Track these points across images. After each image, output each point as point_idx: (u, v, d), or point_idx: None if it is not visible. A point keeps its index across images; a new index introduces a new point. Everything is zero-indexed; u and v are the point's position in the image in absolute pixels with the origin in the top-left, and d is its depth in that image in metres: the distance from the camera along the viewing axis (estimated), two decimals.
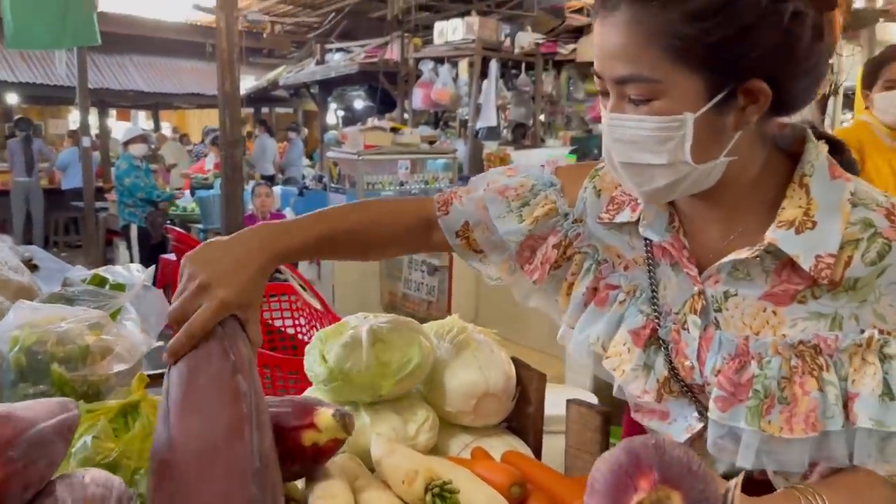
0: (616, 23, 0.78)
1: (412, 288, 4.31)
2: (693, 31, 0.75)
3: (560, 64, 9.87)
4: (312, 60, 11.41)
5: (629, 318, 0.95)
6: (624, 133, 0.81)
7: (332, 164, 5.79)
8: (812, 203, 0.82)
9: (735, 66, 0.77)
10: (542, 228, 1.03)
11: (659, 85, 0.78)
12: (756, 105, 0.80)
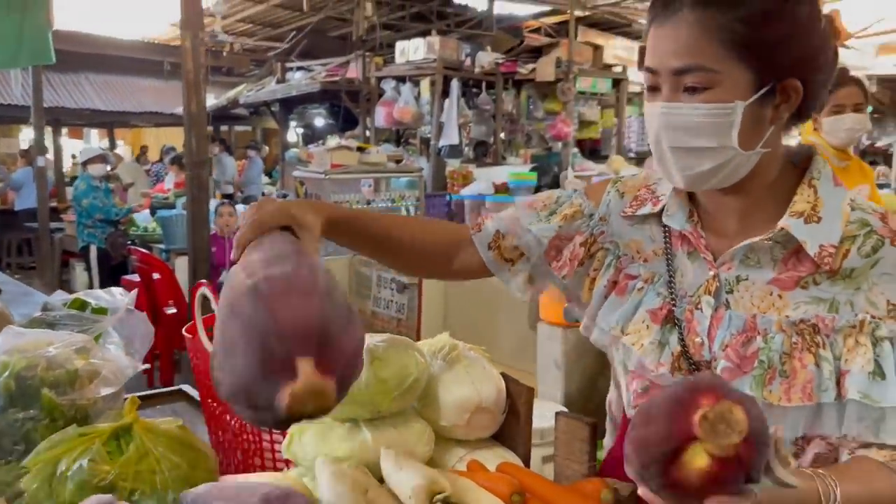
0: (678, 23, 0.91)
1: (381, 306, 4.35)
2: (746, 32, 0.89)
3: (520, 83, 10.05)
4: (273, 79, 11.40)
5: (647, 301, 1.06)
6: (678, 119, 0.92)
7: (299, 184, 5.81)
8: (819, 201, 0.95)
9: (778, 64, 0.90)
10: (569, 229, 1.13)
11: (716, 75, 0.90)
12: (788, 104, 0.93)
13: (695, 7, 0.90)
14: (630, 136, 12.21)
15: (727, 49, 0.89)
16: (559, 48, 9.84)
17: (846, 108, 2.78)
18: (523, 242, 1.16)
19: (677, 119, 0.92)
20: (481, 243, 1.17)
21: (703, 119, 0.90)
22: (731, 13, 0.89)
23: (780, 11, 0.89)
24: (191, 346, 1.52)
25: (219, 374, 0.75)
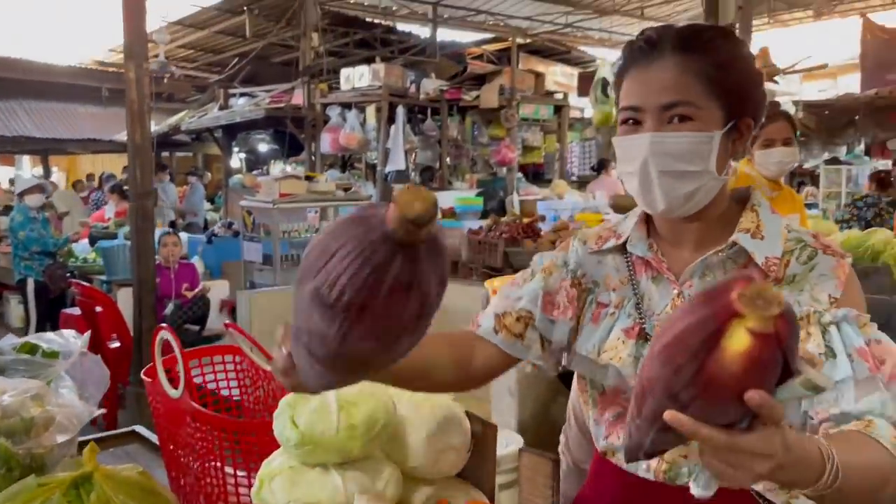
0: (663, 66, 1.06)
1: None
2: (717, 74, 1.05)
3: (464, 109, 10.18)
4: (216, 105, 11.28)
5: (620, 322, 1.16)
6: (667, 147, 1.05)
7: (246, 213, 5.75)
8: (761, 223, 1.10)
9: (739, 103, 1.07)
10: (554, 281, 1.21)
11: (697, 109, 1.05)
12: (742, 139, 1.10)
13: (675, 52, 1.06)
14: (572, 161, 12.48)
15: (704, 87, 1.05)
16: (502, 75, 10.02)
17: (776, 142, 2.92)
18: (521, 309, 1.20)
19: (666, 147, 1.05)
20: (487, 333, 1.21)
21: (688, 146, 1.05)
22: (705, 58, 1.06)
23: (739, 59, 1.08)
24: (150, 390, 1.51)
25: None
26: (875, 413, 0.94)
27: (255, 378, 1.66)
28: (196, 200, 11.57)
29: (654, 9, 15.34)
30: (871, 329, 1.02)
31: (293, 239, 5.72)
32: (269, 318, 4.48)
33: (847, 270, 1.06)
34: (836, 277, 1.05)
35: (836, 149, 12.64)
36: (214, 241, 7.71)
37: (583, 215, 7.15)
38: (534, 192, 10.48)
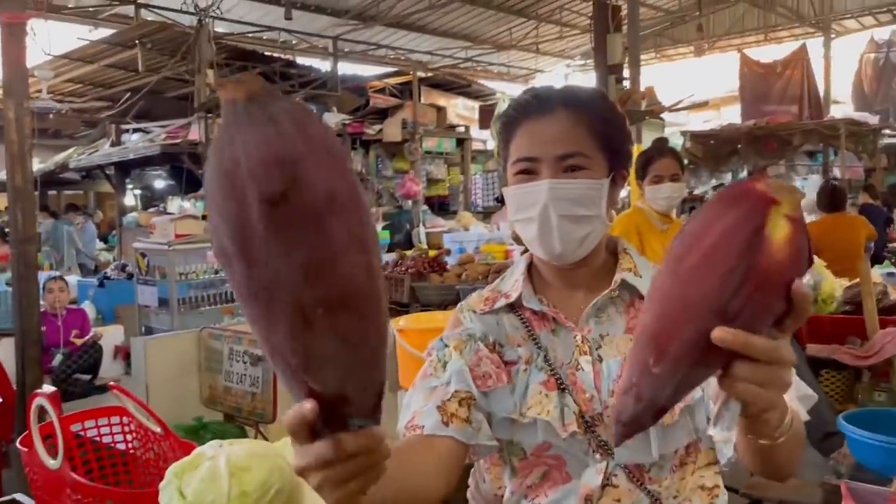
0: (556, 119, 1.14)
1: (234, 380, 4.17)
2: (602, 128, 1.14)
3: (368, 143, 10.19)
4: (107, 141, 10.84)
5: (534, 377, 1.14)
6: (565, 192, 1.12)
7: (140, 256, 5.52)
8: (635, 264, 1.20)
9: (619, 156, 1.17)
10: (469, 356, 1.14)
11: (588, 159, 1.13)
12: (617, 189, 1.18)
13: (566, 107, 1.14)
14: (476, 192, 12.68)
15: (592, 139, 1.13)
16: (404, 109, 10.11)
17: (664, 178, 3.06)
18: (458, 392, 1.10)
19: (564, 192, 1.12)
20: (437, 428, 1.06)
21: (584, 193, 1.12)
22: (592, 113, 1.15)
23: (616, 118, 1.19)
24: (27, 460, 1.40)
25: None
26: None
27: (145, 440, 1.58)
28: (86, 241, 11.04)
29: (548, 44, 15.93)
30: None
31: (191, 281, 5.52)
32: (167, 365, 4.29)
33: None
34: None
35: (722, 175, 13.41)
36: (107, 284, 7.35)
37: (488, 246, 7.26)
38: (440, 223, 10.57)
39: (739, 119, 11.72)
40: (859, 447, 2.15)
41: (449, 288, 4.85)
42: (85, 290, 7.24)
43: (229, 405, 4.17)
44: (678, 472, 1.13)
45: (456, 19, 13.96)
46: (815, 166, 13.17)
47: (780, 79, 12.15)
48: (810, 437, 2.94)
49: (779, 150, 10.12)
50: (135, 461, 1.61)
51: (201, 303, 5.58)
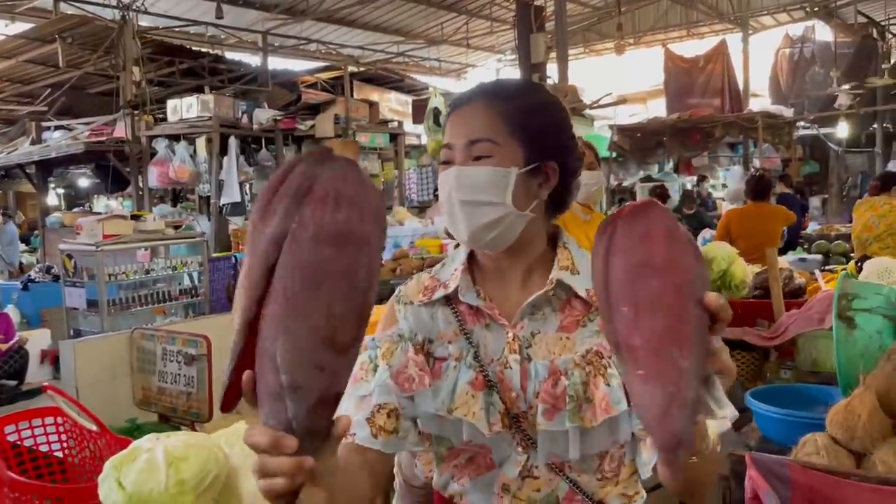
0: (472, 107, 1.16)
1: (168, 380, 4.13)
2: (519, 118, 1.15)
3: (300, 139, 10.11)
4: (27, 139, 10.46)
5: (463, 375, 1.15)
6: (467, 179, 1.14)
7: (66, 257, 5.38)
8: (573, 259, 1.19)
9: (541, 147, 1.16)
10: (398, 360, 1.15)
11: (497, 147, 1.13)
12: (548, 183, 1.17)
13: (487, 97, 1.17)
14: (410, 187, 12.73)
15: (506, 128, 1.14)
16: (336, 104, 10.08)
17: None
18: (384, 405, 1.12)
19: (467, 179, 1.14)
20: (367, 440, 1.10)
21: (486, 179, 1.13)
22: (511, 103, 1.16)
23: (543, 108, 1.19)
24: None
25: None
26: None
27: (80, 439, 1.60)
28: (5, 243, 10.64)
29: (477, 40, 16.06)
30: None
31: (121, 282, 5.42)
32: (97, 368, 4.22)
33: None
34: None
35: (649, 167, 13.82)
36: (31, 286, 7.13)
37: (422, 241, 7.34)
38: None
39: (665, 112, 12.08)
40: (764, 421, 2.31)
41: (383, 283, 4.91)
42: (8, 293, 7.01)
43: (164, 405, 4.13)
44: (602, 481, 1.17)
45: (387, 14, 13.94)
46: (736, 157, 13.73)
47: (703, 73, 12.56)
48: None
49: (702, 142, 10.49)
50: (72, 467, 1.63)
51: (132, 303, 5.49)
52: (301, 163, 0.78)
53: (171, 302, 5.81)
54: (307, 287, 0.73)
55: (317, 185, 0.76)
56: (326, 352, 0.75)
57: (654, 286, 0.86)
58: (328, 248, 0.73)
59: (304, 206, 0.75)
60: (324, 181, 0.76)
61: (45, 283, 7.14)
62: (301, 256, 0.74)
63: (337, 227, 0.75)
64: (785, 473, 1.94)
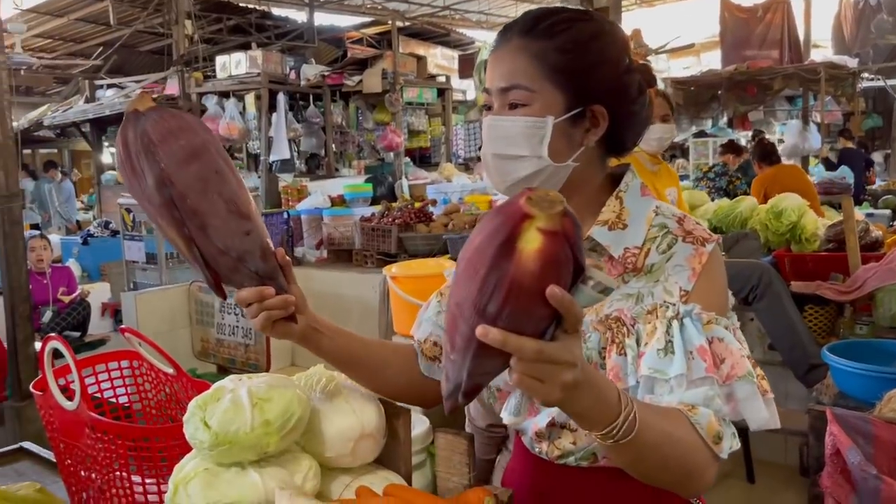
0: (507, 49, 1.06)
1: (226, 332, 4.21)
2: (559, 59, 1.03)
3: (347, 95, 10.07)
4: (81, 98, 10.63)
5: None
6: (500, 131, 1.05)
7: (125, 211, 5.48)
8: (625, 210, 1.08)
9: (585, 91, 1.04)
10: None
11: (532, 94, 1.03)
12: (597, 129, 1.06)
13: (521, 36, 1.05)
14: (458, 143, 12.62)
15: (543, 72, 1.03)
16: (384, 60, 9.97)
17: (655, 119, 3.09)
18: (430, 335, 1.25)
19: (499, 130, 1.06)
20: (419, 354, 1.26)
21: (519, 130, 1.04)
22: (548, 42, 1.03)
23: (587, 45, 1.04)
24: (41, 403, 1.43)
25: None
26: (700, 404, 0.95)
27: (156, 382, 1.61)
28: (64, 199, 10.92)
29: None
30: (715, 326, 0.99)
31: None
32: (157, 319, 4.31)
33: (705, 259, 1.02)
34: (690, 268, 1.02)
35: (702, 122, 13.41)
36: (91, 241, 7.30)
37: (472, 197, 7.27)
38: (422, 175, 10.54)
39: (720, 65, 11.68)
40: (842, 376, 2.24)
41: (436, 238, 4.88)
42: (69, 248, 7.20)
43: (223, 357, 4.22)
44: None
45: None
46: (794, 111, 13.24)
47: (761, 23, 12.07)
48: (794, 370, 3.05)
49: (759, 96, 10.15)
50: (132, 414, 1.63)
51: None
52: (128, 129, 0.98)
53: None
54: (201, 194, 0.96)
55: (151, 134, 0.96)
56: (241, 220, 1.02)
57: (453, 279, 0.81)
58: (192, 163, 0.96)
59: (157, 151, 0.95)
60: (152, 129, 0.96)
61: (104, 237, 7.31)
62: (182, 180, 0.96)
63: (186, 148, 0.96)
64: (868, 429, 1.88)
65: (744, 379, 0.95)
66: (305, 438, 1.17)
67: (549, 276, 0.71)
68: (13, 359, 4.21)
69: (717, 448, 0.93)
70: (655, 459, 0.90)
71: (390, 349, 1.29)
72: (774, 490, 3.34)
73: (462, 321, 0.75)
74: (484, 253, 0.72)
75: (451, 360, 0.80)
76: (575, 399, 0.80)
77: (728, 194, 6.10)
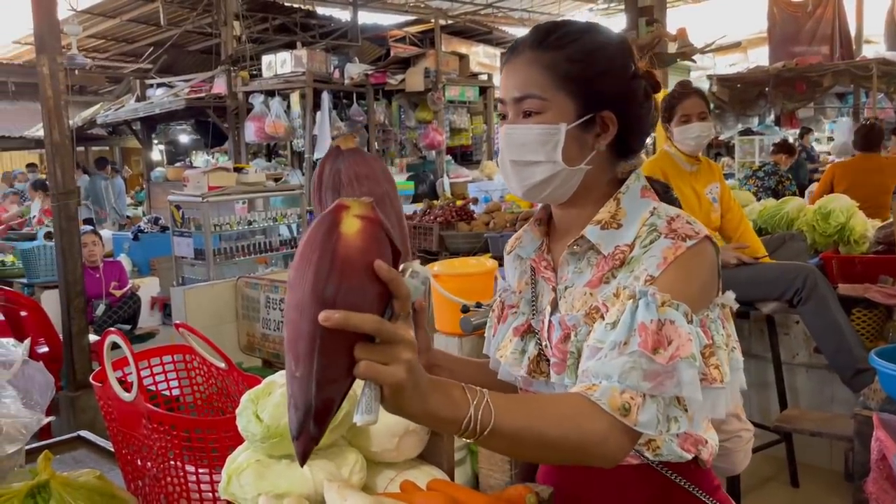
0: (521, 61, 1.11)
1: (272, 327, 4.30)
2: (569, 68, 1.08)
3: (390, 93, 10.14)
4: (132, 96, 10.91)
5: (514, 322, 1.24)
6: (517, 137, 1.11)
7: (175, 208, 5.62)
8: (620, 211, 1.12)
9: (595, 98, 1.09)
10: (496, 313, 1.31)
11: (545, 102, 1.09)
12: (606, 133, 1.11)
13: (533, 48, 1.11)
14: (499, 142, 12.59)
15: (555, 82, 1.08)
16: (426, 58, 10.02)
17: (692, 117, 3.05)
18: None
19: (515, 137, 1.11)
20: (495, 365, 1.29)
21: (534, 137, 1.09)
22: (559, 53, 1.09)
23: (595, 54, 1.10)
24: (101, 394, 1.49)
25: None
26: (611, 378, 0.96)
27: (208, 376, 1.66)
28: (115, 196, 11.22)
29: None
30: (669, 309, 1.00)
31: (224, 232, 5.62)
32: (205, 314, 4.42)
33: (680, 252, 1.04)
34: (662, 258, 1.05)
35: (748, 120, 13.13)
36: (141, 237, 7.50)
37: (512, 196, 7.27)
38: (463, 174, 10.57)
39: (767, 61, 11.45)
40: (890, 381, 2.20)
41: (477, 236, 4.91)
42: (120, 243, 7.40)
43: (268, 351, 4.31)
44: None
45: None
46: (844, 108, 12.90)
47: (811, 18, 11.80)
48: (840, 374, 3.00)
49: (808, 93, 9.91)
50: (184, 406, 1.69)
51: (235, 253, 5.70)
52: (326, 163, 1.08)
53: (270, 252, 6.00)
54: None
55: (342, 175, 1.04)
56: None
57: (288, 292, 0.81)
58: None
59: (342, 192, 1.03)
60: (345, 171, 1.05)
61: (154, 233, 7.50)
62: None
63: (367, 196, 0.92)
64: None
65: (685, 361, 0.97)
66: (352, 433, 1.21)
67: (372, 251, 0.78)
68: (68, 350, 4.35)
69: (626, 420, 0.94)
70: (530, 442, 0.92)
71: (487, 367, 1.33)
72: (818, 495, 3.29)
73: (303, 320, 0.77)
74: (313, 242, 0.78)
75: (296, 379, 0.78)
76: (418, 392, 0.81)
77: (776, 194, 5.99)
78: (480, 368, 1.33)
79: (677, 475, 1.15)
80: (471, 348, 3.12)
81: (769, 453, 3.29)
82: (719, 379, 1.00)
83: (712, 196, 3.22)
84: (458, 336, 3.03)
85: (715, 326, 1.04)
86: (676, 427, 0.99)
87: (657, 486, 1.14)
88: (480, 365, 1.34)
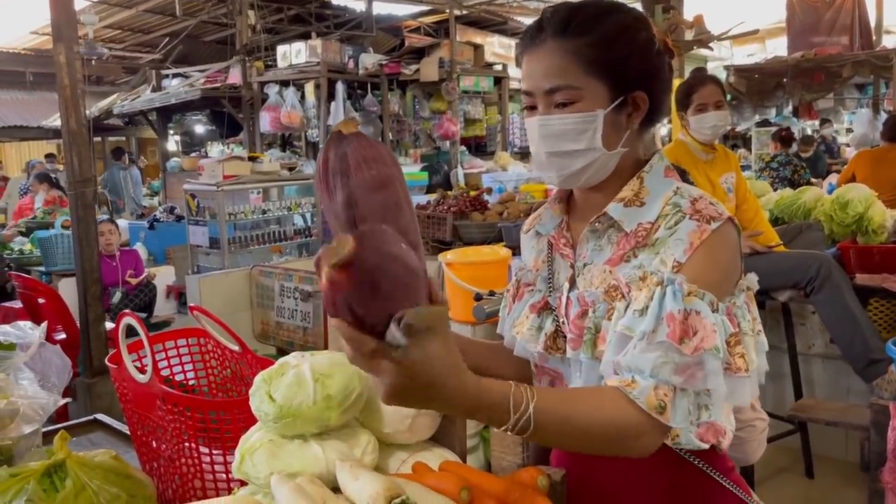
0: (544, 50, 1.10)
1: (286, 315, 4.33)
2: (596, 53, 1.08)
3: (404, 84, 10.13)
4: (148, 87, 10.96)
5: (531, 299, 1.24)
6: (553, 129, 1.10)
7: (190, 197, 5.65)
8: (643, 189, 1.13)
9: (626, 79, 1.10)
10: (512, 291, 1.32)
11: (579, 91, 1.08)
12: (638, 112, 1.12)
13: (556, 36, 1.09)
14: (514, 132, 12.57)
15: (584, 68, 1.08)
16: (441, 48, 10.00)
17: (708, 106, 3.02)
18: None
19: (552, 129, 1.10)
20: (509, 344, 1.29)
21: (572, 127, 1.09)
22: (584, 38, 1.08)
23: (619, 36, 1.09)
24: (116, 376, 1.51)
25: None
26: (644, 373, 0.98)
27: (222, 359, 1.68)
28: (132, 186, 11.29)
29: None
30: (696, 300, 1.01)
31: (238, 221, 5.65)
32: (220, 302, 4.45)
33: (706, 236, 1.05)
34: (688, 242, 1.05)
35: (766, 111, 13.01)
36: (157, 226, 7.55)
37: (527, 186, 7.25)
38: (478, 164, 10.55)
39: (785, 52, 11.32)
40: None
41: (491, 226, 4.90)
42: (136, 232, 7.46)
43: (282, 339, 4.34)
44: None
45: None
46: (864, 99, 12.75)
47: (830, 9, 11.65)
48: (853, 364, 2.97)
49: (827, 83, 9.80)
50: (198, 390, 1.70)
51: (249, 242, 5.73)
52: (330, 148, 1.05)
53: (285, 241, 6.02)
54: (379, 220, 0.98)
55: (349, 158, 1.01)
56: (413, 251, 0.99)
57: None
58: (378, 192, 1.00)
59: (351, 175, 1.00)
60: (351, 154, 1.02)
61: (169, 223, 7.54)
62: (366, 205, 0.99)
63: (377, 178, 1.00)
64: None
65: (709, 352, 0.98)
66: (364, 414, 1.22)
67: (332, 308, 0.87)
68: (85, 337, 4.40)
69: (662, 418, 0.98)
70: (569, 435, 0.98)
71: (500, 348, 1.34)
72: (834, 485, 3.27)
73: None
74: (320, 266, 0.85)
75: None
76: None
77: (793, 184, 5.93)
78: (492, 350, 1.34)
79: (691, 454, 1.15)
80: (483, 336, 3.12)
81: (784, 444, 3.28)
82: (744, 368, 1.02)
83: (727, 186, 3.19)
84: (470, 324, 3.03)
85: (741, 313, 1.06)
86: (707, 415, 1.02)
87: (672, 465, 1.14)
88: (491, 347, 1.35)
